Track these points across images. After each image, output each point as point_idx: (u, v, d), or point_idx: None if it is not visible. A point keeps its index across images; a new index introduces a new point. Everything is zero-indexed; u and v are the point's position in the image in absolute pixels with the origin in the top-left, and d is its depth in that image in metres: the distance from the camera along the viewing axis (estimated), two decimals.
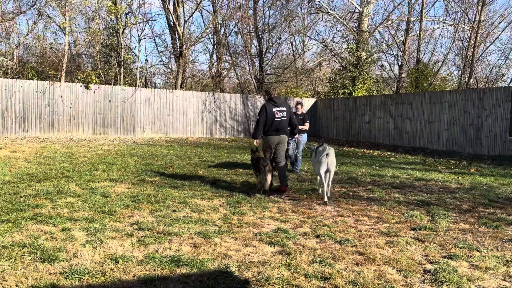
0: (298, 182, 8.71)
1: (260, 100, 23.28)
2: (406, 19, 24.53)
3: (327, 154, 6.97)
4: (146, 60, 24.23)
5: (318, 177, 7.32)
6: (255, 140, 7.82)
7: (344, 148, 17.80)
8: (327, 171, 6.94)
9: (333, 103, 23.01)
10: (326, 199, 6.77)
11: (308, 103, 24.06)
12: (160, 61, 25.99)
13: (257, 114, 8.01)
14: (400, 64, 25.14)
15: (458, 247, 4.75)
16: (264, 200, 6.78)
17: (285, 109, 7.76)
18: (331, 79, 26.76)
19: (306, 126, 10.21)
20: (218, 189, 7.62)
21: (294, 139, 9.96)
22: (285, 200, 6.93)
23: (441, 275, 3.95)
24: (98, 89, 18.80)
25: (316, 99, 24.97)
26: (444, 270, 4.06)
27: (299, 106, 10.38)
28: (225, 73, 28.69)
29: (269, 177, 7.18)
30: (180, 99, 20.81)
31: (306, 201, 6.90)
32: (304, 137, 10.17)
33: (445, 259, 4.39)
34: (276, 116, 7.68)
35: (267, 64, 29.11)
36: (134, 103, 19.58)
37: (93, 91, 18.62)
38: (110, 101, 19.00)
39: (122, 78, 21.39)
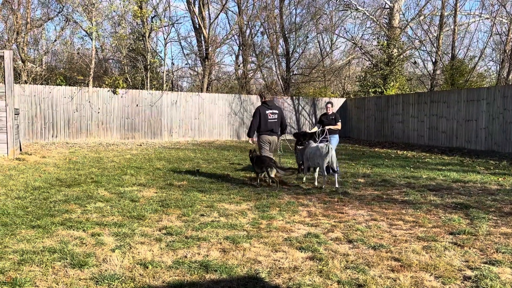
0: (328, 185, 8.63)
1: (287, 102, 23.24)
2: (440, 14, 23.94)
3: (330, 148, 8.10)
4: (172, 63, 24.66)
5: (311, 169, 8.72)
6: (250, 138, 8.80)
7: (376, 149, 17.52)
8: (332, 165, 8.15)
9: (363, 103, 22.71)
10: (323, 185, 8.18)
11: (337, 103, 23.86)
12: (186, 64, 26.44)
13: (252, 116, 9.05)
14: (434, 60, 24.55)
15: (500, 252, 4.58)
16: (293, 204, 6.75)
17: (277, 111, 8.74)
18: (361, 77, 26.41)
19: (338, 126, 10.15)
20: (246, 192, 7.65)
21: (326, 140, 9.93)
22: (315, 204, 6.88)
23: (482, 282, 3.81)
24: (126, 93, 19.21)
25: (345, 98, 24.71)
26: (486, 277, 3.92)
27: (329, 106, 10.33)
28: (251, 74, 28.80)
29: (274, 171, 8.30)
30: (206, 102, 21.01)
31: (337, 205, 6.82)
32: (335, 138, 10.11)
33: (486, 265, 4.24)
34: (269, 118, 8.66)
35: (294, 64, 29.05)
36: (160, 106, 19.90)
37: (121, 95, 19.05)
38: (137, 105, 19.38)
39: (148, 82, 21.81)
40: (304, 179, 9.04)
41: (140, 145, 17.60)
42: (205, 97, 21.15)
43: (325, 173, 8.20)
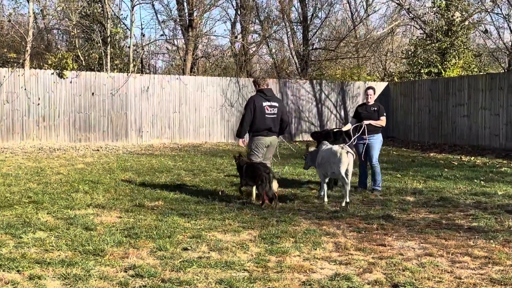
0: (364, 206, 8.61)
1: (305, 87, 23.30)
2: None
3: (347, 152, 8.50)
4: (143, 35, 24.64)
5: (326, 181, 9.10)
6: (240, 140, 9.23)
7: (431, 154, 17.49)
8: (347, 173, 8.52)
9: (413, 89, 22.72)
10: (348, 200, 8.48)
11: (376, 89, 23.91)
12: (161, 35, 26.49)
13: (244, 109, 9.33)
14: None
15: None
16: (314, 233, 6.75)
17: (277, 104, 9.11)
18: (409, 53, 26.42)
19: (382, 122, 10.21)
20: (247, 216, 7.66)
21: (363, 140, 9.98)
22: (345, 232, 6.87)
23: None
24: (77, 77, 19.30)
25: (387, 83, 24.72)
26: None
27: (370, 92, 10.32)
28: (253, 49, 28.88)
29: (275, 184, 8.51)
30: (190, 89, 21.10)
31: (376, 234, 6.81)
32: (377, 139, 10.16)
33: None
34: (267, 112, 8.97)
35: (314, 35, 29.11)
36: (126, 96, 19.98)
37: (70, 80, 19.14)
38: (93, 94, 19.47)
39: (109, 61, 21.88)
40: (325, 197, 9.11)
41: (98, 150, 17.66)
42: (188, 81, 21.22)
43: (347, 180, 8.53)
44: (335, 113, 23.80)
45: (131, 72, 21.22)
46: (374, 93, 10.45)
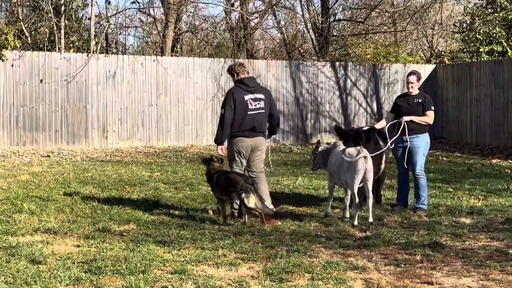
0: (404, 230, 8.61)
1: (324, 72, 23.29)
2: None
3: (364, 157, 8.71)
4: (108, 2, 24.53)
5: (329, 191, 9.63)
6: (219, 147, 9.48)
7: (494, 160, 17.51)
8: (366, 182, 8.85)
9: (469, 73, 22.69)
10: (371, 220, 8.81)
11: (420, 74, 23.85)
12: (133, 2, 26.38)
13: (221, 107, 9.59)
14: None
15: None
16: (337, 266, 6.73)
17: (262, 96, 9.40)
18: (465, 26, 26.36)
19: (429, 118, 10.18)
20: (247, 244, 7.66)
21: (403, 142, 10.00)
22: (378, 265, 6.85)
23: None
24: (20, 59, 19.26)
25: (434, 65, 24.67)
26: None
27: (412, 79, 10.26)
28: (255, 21, 28.83)
29: (252, 199, 8.71)
30: (172, 74, 21.10)
31: (420, 268, 6.80)
32: (422, 141, 10.14)
33: None
34: (250, 107, 9.24)
35: (337, 1, 29.04)
36: (86, 83, 19.94)
37: (11, 63, 19.11)
38: (42, 81, 19.41)
39: (63, 37, 21.83)
40: (346, 212, 9.26)
41: (48, 156, 17.66)
42: (169, 64, 21.20)
43: (357, 199, 8.87)
44: (364, 105, 23.79)
45: (93, 52, 21.18)
46: (418, 80, 10.40)
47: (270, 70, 22.39)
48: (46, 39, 22.13)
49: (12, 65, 19.14)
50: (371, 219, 8.70)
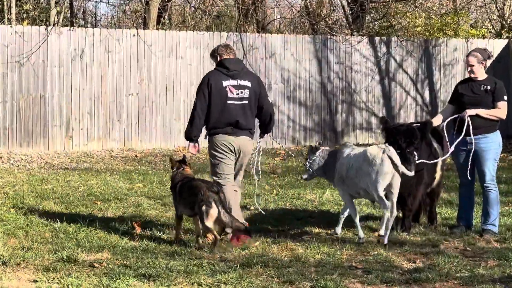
0: (466, 260, 8.59)
1: (360, 50, 23.23)
2: None
3: (391, 157, 9.04)
4: None
5: (348, 206, 9.79)
6: (191, 145, 9.98)
7: None
8: (390, 190, 9.17)
9: None
10: (386, 241, 9.12)
11: (488, 52, 23.84)
12: None
13: (196, 94, 9.99)
14: None
15: None
16: None
17: (248, 83, 9.71)
18: None
19: (501, 112, 10.11)
20: (259, 278, 7.66)
21: (467, 145, 9.99)
22: None
23: None
24: None
25: (506, 40, 24.61)
26: None
27: (471, 61, 10.22)
28: None
29: (213, 211, 9.01)
30: (158, 53, 21.15)
31: None
32: (492, 142, 10.11)
33: None
34: (231, 95, 9.58)
35: None
36: (44, 65, 19.97)
37: None
38: None
39: (14, 5, 21.90)
40: (361, 232, 9.39)
41: None
42: (154, 40, 21.21)
43: (387, 204, 9.18)
44: (413, 94, 23.75)
45: (53, 25, 21.23)
46: (482, 62, 10.31)
47: (288, 48, 22.39)
48: None
49: None
50: (382, 232, 8.96)
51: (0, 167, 16.83)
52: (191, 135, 9.75)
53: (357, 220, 9.58)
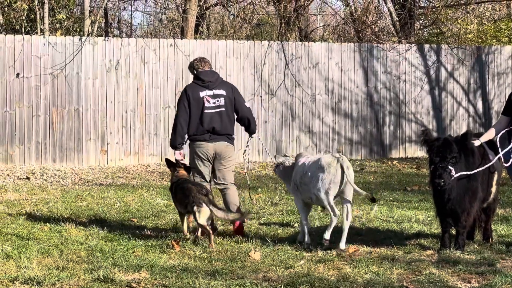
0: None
1: (409, 58, 23.14)
2: None
3: (342, 166, 9.60)
4: None
5: (300, 212, 10.48)
6: (177, 152, 11.21)
7: None
8: (344, 197, 9.99)
9: None
10: (343, 247, 9.86)
11: None
12: None
13: (176, 106, 11.51)
14: None
15: None
16: None
17: (223, 92, 10.99)
18: None
19: None
20: None
21: None
22: None
23: None
24: None
25: None
26: None
27: None
28: None
29: (204, 212, 10.09)
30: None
31: None
32: None
33: None
34: (207, 105, 10.81)
35: None
36: (78, 77, 20.07)
37: None
38: (18, 75, 19.56)
39: (47, 15, 21.99)
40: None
41: (27, 178, 17.78)
42: (192, 49, 21.22)
43: (336, 211, 9.93)
44: (465, 104, 23.60)
45: (88, 35, 21.33)
46: None
47: (332, 57, 22.34)
48: (23, 17, 22.35)
49: None
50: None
51: (33, 183, 16.92)
52: (175, 143, 11.07)
53: (306, 227, 10.16)
